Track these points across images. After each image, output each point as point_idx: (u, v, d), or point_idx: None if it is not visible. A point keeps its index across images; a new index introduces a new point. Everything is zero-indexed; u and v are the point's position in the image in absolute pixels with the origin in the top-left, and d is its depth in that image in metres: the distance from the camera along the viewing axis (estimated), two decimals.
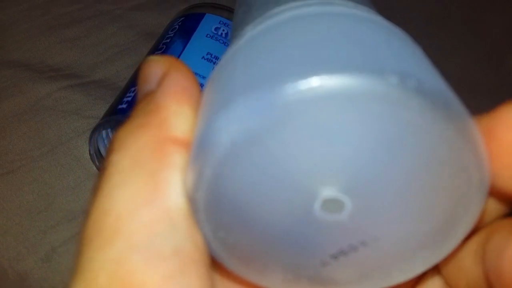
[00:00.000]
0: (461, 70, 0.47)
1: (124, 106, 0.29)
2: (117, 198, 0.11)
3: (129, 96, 0.29)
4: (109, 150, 0.12)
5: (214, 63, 0.32)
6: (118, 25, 0.44)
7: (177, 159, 0.11)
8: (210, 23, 0.34)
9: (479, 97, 0.46)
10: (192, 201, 0.11)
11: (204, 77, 0.31)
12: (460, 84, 0.51)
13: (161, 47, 0.33)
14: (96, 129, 0.30)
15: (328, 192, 0.11)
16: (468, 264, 0.13)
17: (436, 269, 0.14)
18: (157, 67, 0.13)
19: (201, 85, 0.31)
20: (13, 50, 0.40)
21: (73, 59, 0.40)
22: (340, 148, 0.10)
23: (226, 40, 0.33)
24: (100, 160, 0.32)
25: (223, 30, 0.33)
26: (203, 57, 0.32)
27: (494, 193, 0.11)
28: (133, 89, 0.30)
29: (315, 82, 0.09)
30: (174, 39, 0.33)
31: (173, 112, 0.12)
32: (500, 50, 0.49)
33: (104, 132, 0.32)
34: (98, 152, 0.32)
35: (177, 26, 0.34)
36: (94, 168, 0.34)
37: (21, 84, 0.38)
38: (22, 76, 0.38)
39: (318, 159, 0.10)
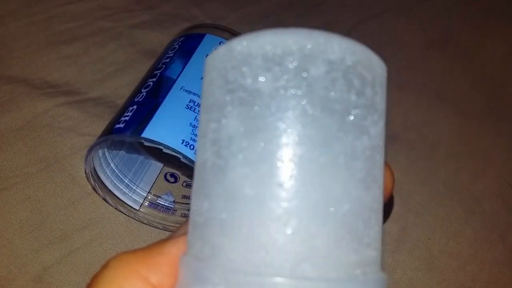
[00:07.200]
0: (459, 94, 0.48)
1: (121, 125, 0.29)
2: None
3: (127, 116, 0.29)
4: None
5: None
6: (118, 42, 0.44)
7: None
8: (210, 43, 0.34)
9: (476, 121, 0.46)
10: None
11: None
12: (458, 107, 0.51)
13: (161, 66, 0.33)
14: (92, 148, 0.29)
15: None
16: None
17: None
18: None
19: (199, 105, 0.31)
20: (12, 66, 0.40)
21: (71, 75, 0.40)
22: None
23: None
24: (96, 179, 0.32)
25: None
26: (202, 77, 0.32)
27: None
28: (131, 108, 0.30)
29: None
30: (173, 58, 0.33)
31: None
32: (498, 77, 0.49)
33: (100, 152, 0.32)
34: (94, 171, 0.31)
35: (177, 46, 0.34)
36: (89, 187, 0.33)
37: (18, 99, 0.37)
38: (19, 92, 0.38)
39: None
